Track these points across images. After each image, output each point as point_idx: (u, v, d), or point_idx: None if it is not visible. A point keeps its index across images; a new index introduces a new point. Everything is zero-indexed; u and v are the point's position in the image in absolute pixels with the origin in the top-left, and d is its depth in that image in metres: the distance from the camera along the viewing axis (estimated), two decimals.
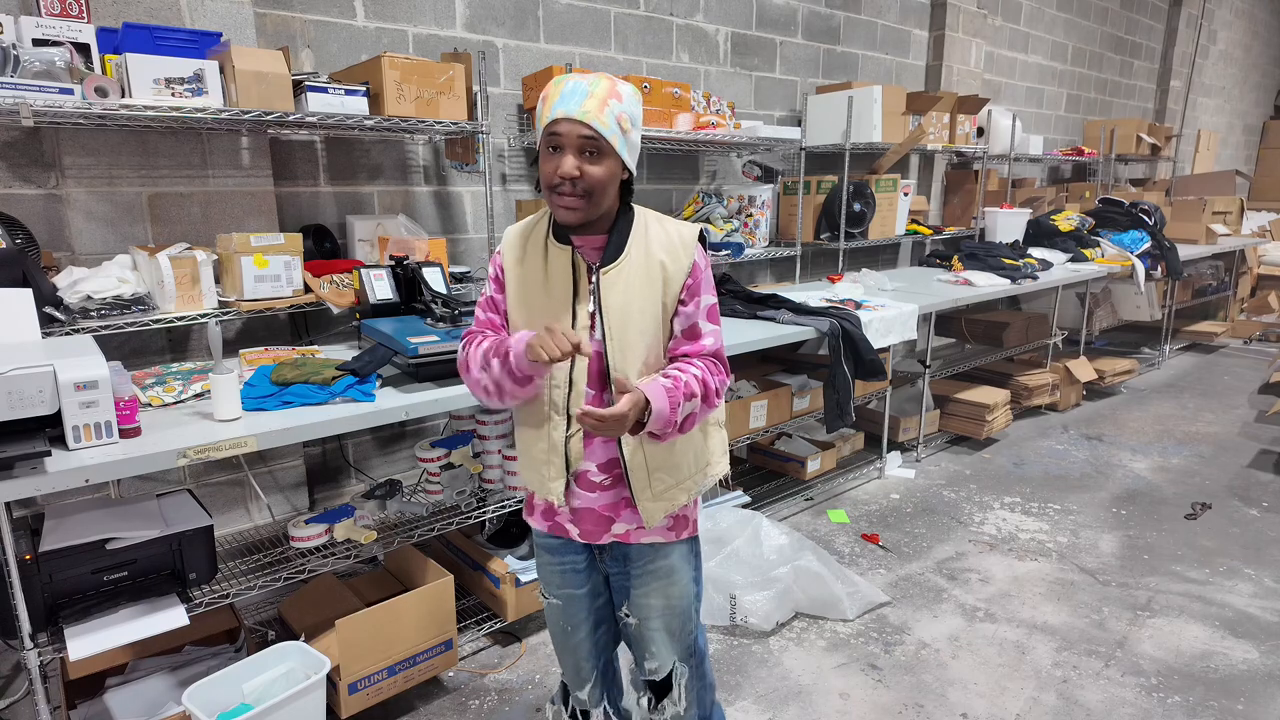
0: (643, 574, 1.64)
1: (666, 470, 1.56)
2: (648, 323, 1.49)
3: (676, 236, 1.53)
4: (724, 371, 1.55)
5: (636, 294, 1.48)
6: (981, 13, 5.93)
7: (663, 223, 1.55)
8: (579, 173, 1.39)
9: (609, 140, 1.40)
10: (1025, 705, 2.34)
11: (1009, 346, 4.98)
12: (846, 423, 3.38)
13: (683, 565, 1.65)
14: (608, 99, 1.40)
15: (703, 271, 1.53)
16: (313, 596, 2.45)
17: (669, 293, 1.50)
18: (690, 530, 1.66)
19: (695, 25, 4.20)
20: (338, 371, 2.10)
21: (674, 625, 1.67)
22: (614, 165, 1.44)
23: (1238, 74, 10.98)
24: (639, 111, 1.47)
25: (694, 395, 1.45)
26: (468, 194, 3.43)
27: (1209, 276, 7.16)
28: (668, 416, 1.42)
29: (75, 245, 2.43)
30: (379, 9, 3.07)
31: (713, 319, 1.55)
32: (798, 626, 2.73)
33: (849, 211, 4.47)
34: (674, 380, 1.44)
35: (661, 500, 1.56)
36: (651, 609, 1.66)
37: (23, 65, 2.03)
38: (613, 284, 1.48)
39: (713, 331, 1.54)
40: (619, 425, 1.37)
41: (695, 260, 1.51)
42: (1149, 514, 3.65)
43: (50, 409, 1.61)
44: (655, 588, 1.64)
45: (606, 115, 1.39)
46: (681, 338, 1.53)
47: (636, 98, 1.47)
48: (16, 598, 1.68)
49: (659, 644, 1.68)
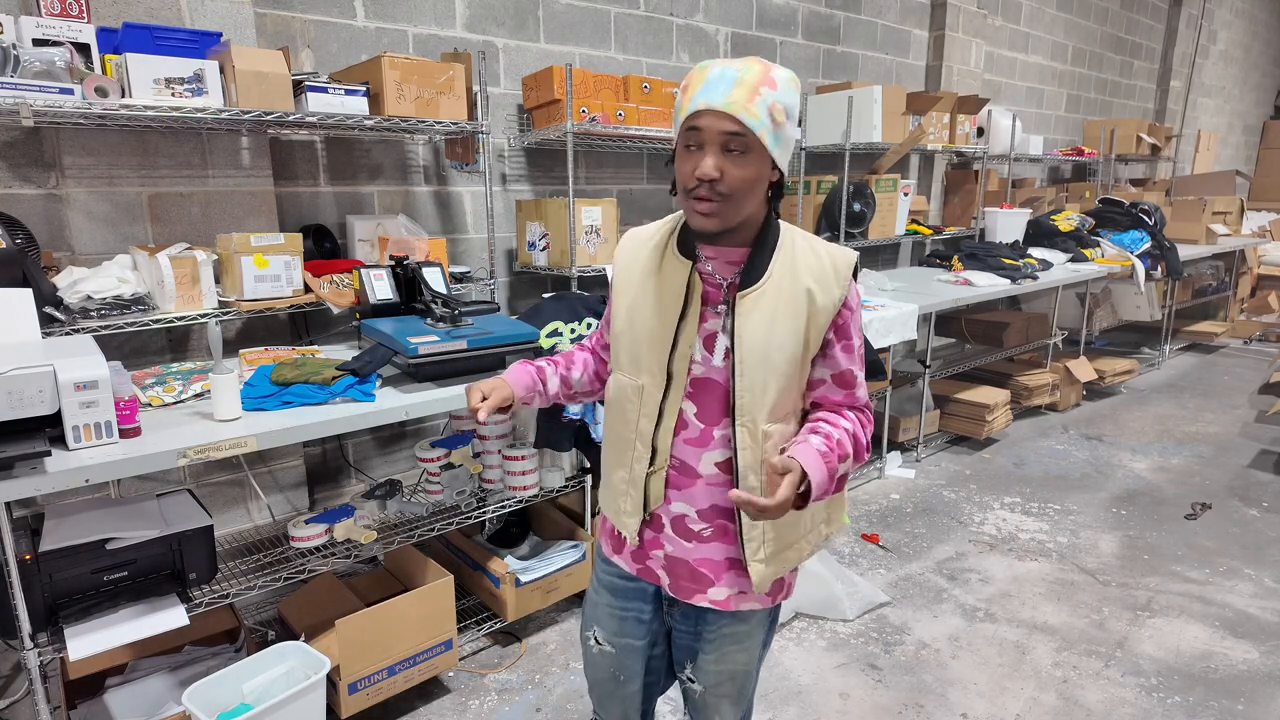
0: (717, 638, 1.43)
1: (788, 526, 1.34)
2: (785, 361, 1.27)
3: (829, 262, 1.30)
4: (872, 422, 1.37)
5: (780, 325, 1.26)
6: (981, 13, 5.93)
7: (812, 243, 1.32)
8: (719, 173, 1.18)
9: (758, 135, 1.18)
10: (1025, 705, 2.34)
11: (1009, 346, 4.98)
12: None
13: (758, 630, 1.44)
14: (759, 86, 1.17)
15: (854, 311, 1.32)
16: (313, 596, 2.45)
17: (814, 328, 1.28)
18: (786, 594, 1.44)
19: (695, 25, 4.20)
20: (338, 371, 2.10)
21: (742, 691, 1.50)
22: (762, 165, 1.22)
23: (1238, 74, 10.98)
24: (795, 100, 1.22)
25: (848, 456, 1.26)
26: (468, 194, 3.43)
27: (1209, 276, 7.16)
28: (826, 486, 1.21)
29: (75, 245, 2.43)
30: (379, 9, 3.07)
31: (861, 365, 1.34)
32: (798, 626, 2.73)
33: (849, 211, 4.47)
34: (827, 440, 1.24)
35: (774, 564, 1.35)
36: (721, 675, 1.46)
37: (23, 65, 2.03)
38: (751, 310, 1.27)
39: (861, 380, 1.35)
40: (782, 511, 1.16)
41: (847, 295, 1.29)
42: (1149, 514, 3.65)
43: (50, 409, 1.61)
44: (727, 652, 1.44)
45: (757, 106, 1.17)
46: (832, 383, 1.32)
47: (794, 84, 1.22)
48: (16, 598, 1.68)
49: (724, 713, 1.50)
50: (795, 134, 1.24)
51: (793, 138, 1.24)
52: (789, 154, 1.25)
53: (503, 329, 2.35)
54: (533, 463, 2.60)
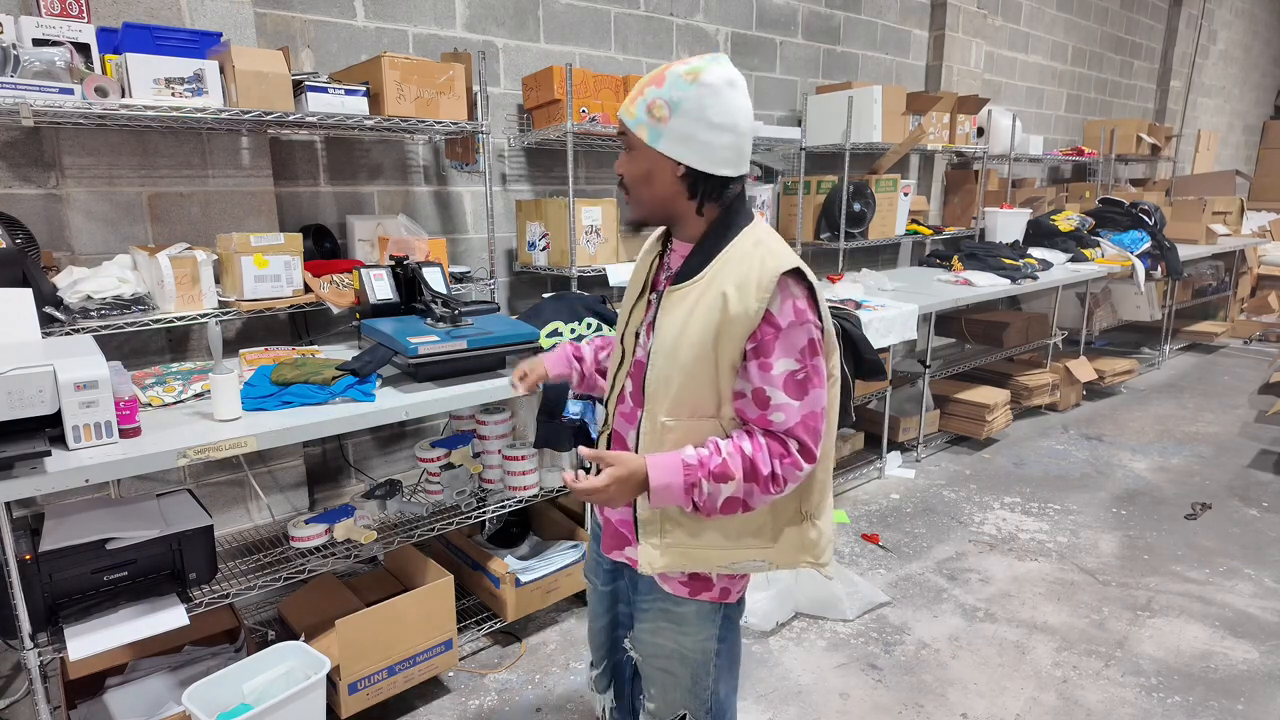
0: (649, 610, 1.48)
1: (687, 529, 1.36)
2: (692, 360, 1.28)
3: (758, 268, 1.25)
4: (795, 454, 1.26)
5: (691, 326, 1.28)
6: (981, 13, 5.93)
7: (761, 247, 1.28)
8: (620, 171, 1.34)
9: (635, 132, 1.26)
10: (1025, 705, 2.34)
11: (1009, 346, 4.98)
12: (846, 423, 3.37)
13: (698, 622, 1.45)
14: (646, 86, 1.25)
15: (782, 329, 1.24)
16: (313, 596, 2.45)
17: (726, 335, 1.25)
18: (713, 595, 1.43)
19: (695, 25, 4.20)
20: (338, 371, 2.10)
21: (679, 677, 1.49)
22: (650, 160, 1.27)
23: (1238, 74, 10.98)
24: (686, 94, 1.22)
25: (729, 477, 1.23)
26: (468, 194, 3.43)
27: (1209, 276, 7.16)
28: (680, 496, 1.25)
29: (75, 245, 2.43)
30: (379, 9, 3.07)
31: (793, 390, 1.25)
32: (798, 626, 2.73)
33: (849, 211, 4.47)
34: (703, 455, 1.25)
35: (669, 553, 1.36)
36: (655, 649, 1.49)
37: (23, 65, 2.03)
38: (675, 305, 1.31)
39: (787, 405, 1.25)
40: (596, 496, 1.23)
41: (770, 310, 1.23)
42: (1149, 514, 3.65)
43: (50, 409, 1.61)
44: (662, 628, 1.47)
45: (637, 105, 1.25)
46: (750, 399, 1.29)
47: (687, 79, 1.22)
48: (16, 598, 1.68)
49: (659, 687, 1.52)
50: (692, 128, 1.23)
51: (690, 132, 1.24)
52: (698, 151, 1.25)
53: (503, 329, 2.35)
54: (533, 463, 2.60)
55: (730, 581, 1.44)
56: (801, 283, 1.27)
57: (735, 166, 1.28)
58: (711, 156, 1.25)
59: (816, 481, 1.39)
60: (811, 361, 1.27)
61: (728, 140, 1.25)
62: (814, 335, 1.27)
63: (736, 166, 1.28)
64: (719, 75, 1.23)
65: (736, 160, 1.28)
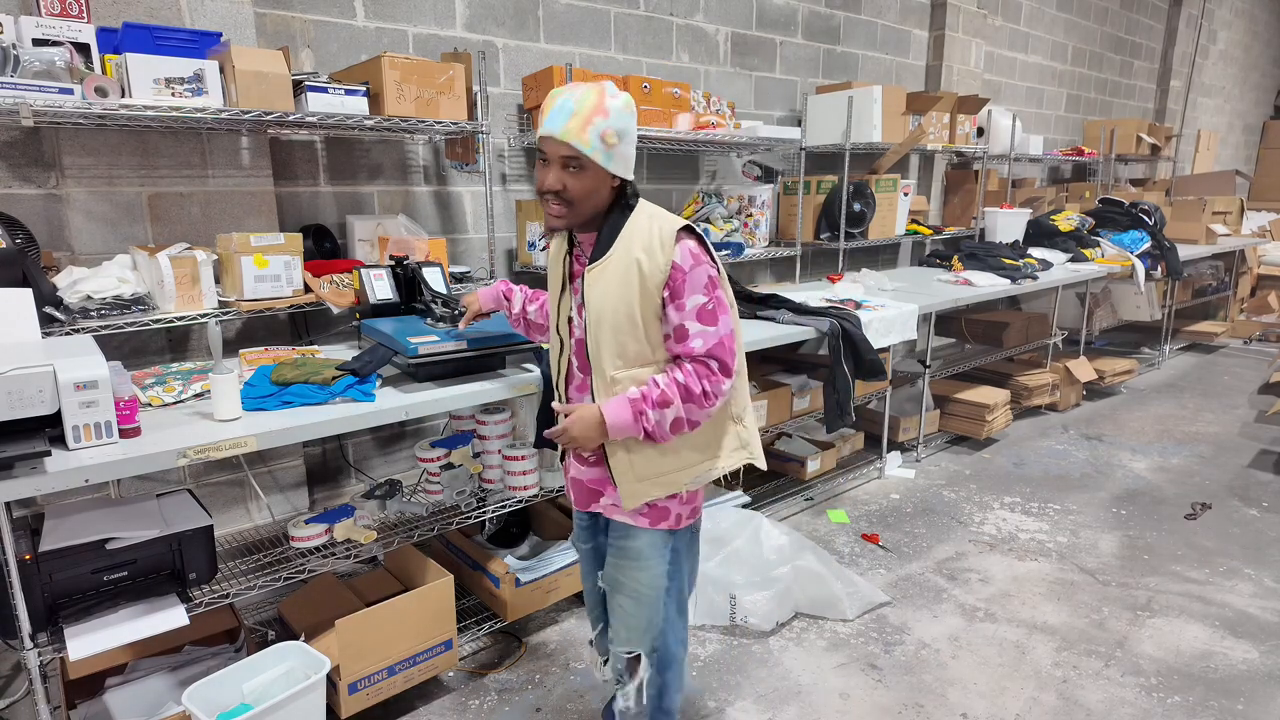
0: (615, 548, 1.75)
1: (654, 463, 1.64)
2: (622, 320, 1.56)
3: (658, 233, 1.54)
4: (716, 372, 1.56)
5: (612, 293, 1.55)
6: (981, 13, 5.93)
7: (654, 219, 1.57)
8: (561, 186, 1.52)
9: (591, 157, 1.49)
10: (1025, 705, 2.34)
11: (1009, 346, 4.98)
12: (847, 423, 3.38)
13: (652, 554, 1.70)
14: (592, 117, 1.47)
15: (686, 272, 1.53)
16: (313, 596, 2.45)
17: (646, 291, 1.53)
18: (669, 523, 1.70)
19: (695, 25, 4.20)
20: (338, 371, 2.10)
21: (638, 611, 1.73)
22: (599, 177, 1.53)
23: (1238, 74, 10.98)
24: (629, 124, 1.52)
25: (669, 402, 1.53)
26: (468, 194, 3.43)
27: (1209, 276, 7.16)
28: (631, 426, 1.55)
29: (75, 245, 2.43)
30: (379, 9, 3.07)
31: (705, 319, 1.54)
32: (798, 626, 2.73)
33: (849, 211, 4.47)
34: (644, 391, 1.55)
35: (645, 482, 1.64)
36: (617, 582, 1.76)
37: (23, 65, 2.03)
38: (594, 283, 1.58)
39: (703, 333, 1.54)
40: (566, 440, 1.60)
41: (675, 260, 1.52)
42: (1149, 514, 3.65)
43: (50, 409, 1.61)
44: (622, 565, 1.73)
45: (589, 134, 1.47)
46: (673, 339, 1.57)
47: (627, 110, 1.51)
48: (16, 598, 1.68)
49: (619, 620, 1.77)
50: (630, 149, 1.54)
51: (628, 153, 1.54)
52: (629, 163, 1.55)
53: (502, 329, 2.35)
54: (532, 463, 2.59)
55: (682, 506, 1.71)
56: (692, 235, 1.56)
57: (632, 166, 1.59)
58: (629, 165, 1.57)
59: (737, 390, 1.69)
60: (715, 294, 1.55)
61: (633, 149, 1.57)
62: (711, 273, 1.55)
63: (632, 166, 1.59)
64: (625, 100, 1.52)
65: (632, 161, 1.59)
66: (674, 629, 1.77)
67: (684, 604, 1.80)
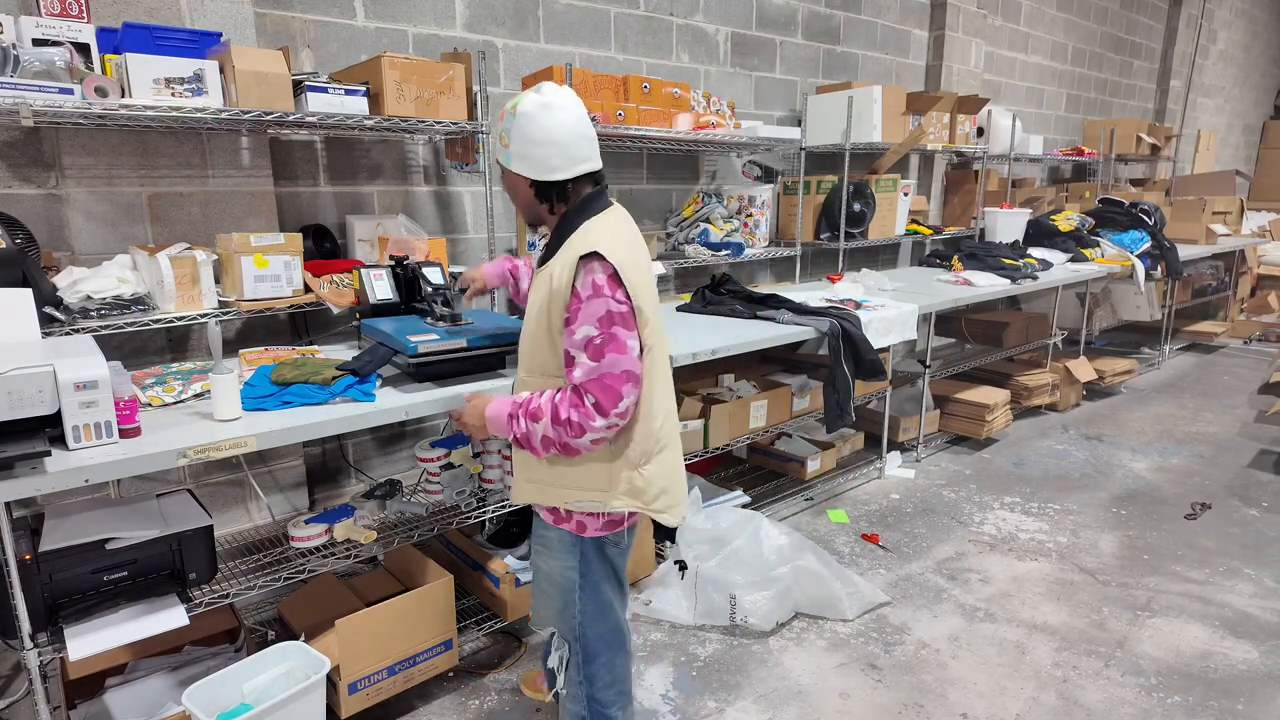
0: (534, 533, 1.82)
1: (535, 468, 1.69)
2: (537, 329, 1.61)
3: (572, 254, 1.52)
4: (588, 406, 1.50)
5: (537, 301, 1.61)
6: (981, 13, 5.93)
7: (586, 235, 1.56)
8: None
9: (499, 158, 1.63)
10: (1025, 705, 2.34)
11: (1009, 346, 4.98)
12: (846, 423, 3.38)
13: (560, 548, 1.74)
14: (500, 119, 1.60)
15: (582, 301, 1.49)
16: (313, 596, 2.45)
17: (552, 307, 1.55)
18: (570, 526, 1.71)
19: (695, 25, 4.20)
20: (338, 371, 2.10)
21: (552, 593, 1.78)
22: (510, 178, 1.64)
23: (1238, 74, 10.98)
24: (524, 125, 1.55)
25: (540, 418, 1.54)
26: (468, 194, 3.43)
27: (1209, 276, 7.16)
28: (504, 426, 1.62)
29: (75, 245, 2.43)
30: (379, 9, 3.07)
31: (591, 353, 1.50)
32: (798, 626, 2.73)
33: (849, 211, 4.47)
34: (531, 397, 1.59)
35: (530, 485, 1.71)
36: (535, 567, 1.83)
37: (23, 65, 2.03)
38: (536, 285, 1.64)
39: (584, 365, 1.50)
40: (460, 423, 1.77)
41: (575, 286, 1.50)
42: (1149, 514, 3.65)
43: (50, 409, 1.61)
44: (539, 550, 1.80)
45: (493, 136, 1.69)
46: (565, 359, 1.56)
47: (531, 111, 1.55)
48: (16, 598, 1.68)
49: (537, 600, 1.84)
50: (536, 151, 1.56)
51: (532, 154, 1.56)
52: (538, 165, 1.57)
53: (500, 325, 2.35)
54: None
55: (586, 519, 1.69)
56: (604, 263, 1.50)
57: (564, 170, 1.58)
58: (542, 167, 1.57)
59: (636, 438, 1.62)
60: (608, 330, 1.50)
61: (552, 151, 1.56)
62: (613, 308, 1.50)
63: (565, 170, 1.58)
64: (532, 103, 1.55)
65: (565, 165, 1.57)
66: (594, 625, 1.77)
67: (606, 605, 1.77)
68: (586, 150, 1.60)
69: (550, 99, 1.55)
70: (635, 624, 2.73)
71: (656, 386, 1.64)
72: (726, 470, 4.03)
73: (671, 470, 1.72)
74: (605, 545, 1.72)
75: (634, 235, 1.65)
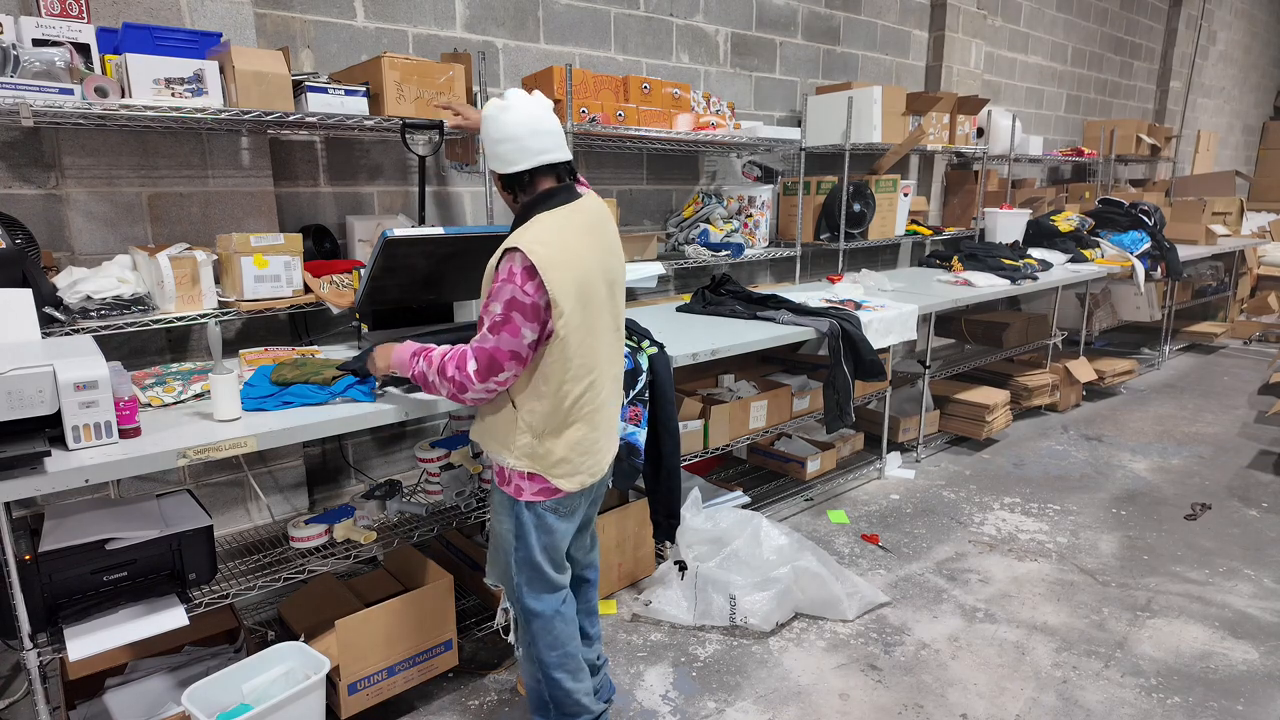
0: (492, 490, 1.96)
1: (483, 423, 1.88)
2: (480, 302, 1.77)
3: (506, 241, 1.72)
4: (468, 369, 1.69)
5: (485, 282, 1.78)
6: (981, 13, 5.93)
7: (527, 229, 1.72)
8: None
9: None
10: (1025, 706, 2.34)
11: (1009, 347, 4.98)
12: (846, 423, 3.38)
13: (501, 509, 1.90)
14: None
15: (497, 284, 1.68)
16: (313, 596, 2.45)
17: (485, 283, 1.76)
18: (509, 489, 1.86)
19: (695, 25, 4.20)
20: (338, 371, 2.10)
21: (495, 550, 1.95)
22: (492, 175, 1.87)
23: (1237, 74, 10.99)
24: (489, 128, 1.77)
25: (433, 364, 1.74)
26: (467, 194, 3.43)
27: (1209, 277, 7.16)
28: (406, 364, 1.81)
29: (75, 245, 2.43)
30: (379, 9, 3.07)
31: (490, 326, 1.68)
32: (798, 627, 2.73)
33: (849, 212, 4.47)
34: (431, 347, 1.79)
35: (480, 436, 1.90)
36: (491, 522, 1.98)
37: (23, 65, 2.03)
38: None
39: (481, 334, 1.70)
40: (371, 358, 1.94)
41: (496, 269, 1.70)
42: (1149, 514, 3.65)
43: (50, 409, 1.61)
44: (492, 510, 1.96)
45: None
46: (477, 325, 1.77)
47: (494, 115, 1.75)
48: (16, 598, 1.68)
49: (489, 557, 2.00)
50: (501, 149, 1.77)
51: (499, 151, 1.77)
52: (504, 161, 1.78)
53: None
54: None
55: (522, 482, 1.83)
56: (522, 256, 1.66)
57: (521, 163, 1.76)
58: (501, 161, 1.78)
59: (540, 411, 1.78)
60: (508, 313, 1.66)
61: (510, 147, 1.75)
62: (519, 296, 1.65)
63: (522, 162, 1.76)
64: (494, 106, 1.76)
65: (521, 158, 1.76)
66: (528, 593, 1.92)
67: (539, 570, 1.90)
68: (545, 143, 1.76)
69: (509, 102, 1.76)
70: (635, 624, 2.73)
71: (571, 371, 1.77)
72: (726, 471, 4.03)
73: (577, 444, 1.84)
74: (541, 512, 1.85)
75: (581, 232, 1.77)
